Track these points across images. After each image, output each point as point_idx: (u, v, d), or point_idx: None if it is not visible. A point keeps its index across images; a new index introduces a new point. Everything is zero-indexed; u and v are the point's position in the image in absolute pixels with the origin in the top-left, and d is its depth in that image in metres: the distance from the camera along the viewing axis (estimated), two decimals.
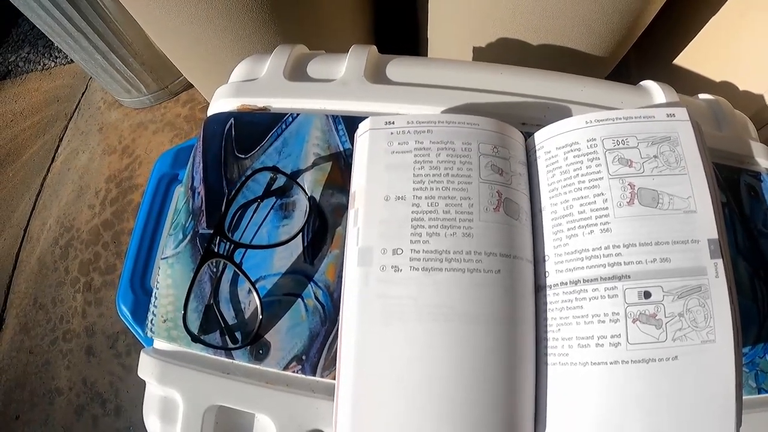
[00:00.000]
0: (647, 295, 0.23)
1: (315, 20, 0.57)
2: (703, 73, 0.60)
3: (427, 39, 0.62)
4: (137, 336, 0.40)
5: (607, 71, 0.62)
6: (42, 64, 1.17)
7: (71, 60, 1.11)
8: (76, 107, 1.06)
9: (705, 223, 0.24)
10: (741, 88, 0.53)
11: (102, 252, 0.86)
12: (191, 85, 0.95)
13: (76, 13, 0.76)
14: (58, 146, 1.02)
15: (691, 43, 0.61)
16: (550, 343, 0.24)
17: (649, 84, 0.36)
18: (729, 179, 0.33)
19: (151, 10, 0.54)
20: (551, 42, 0.51)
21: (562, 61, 0.54)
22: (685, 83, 0.61)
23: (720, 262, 0.23)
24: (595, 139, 0.25)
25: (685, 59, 0.63)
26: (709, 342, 0.22)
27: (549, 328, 0.24)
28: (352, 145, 0.30)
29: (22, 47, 1.22)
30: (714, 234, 0.24)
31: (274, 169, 0.30)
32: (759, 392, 0.28)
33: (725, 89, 0.55)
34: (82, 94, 1.07)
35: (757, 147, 0.35)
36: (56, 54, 1.17)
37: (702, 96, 0.38)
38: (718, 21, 0.57)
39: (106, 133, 0.97)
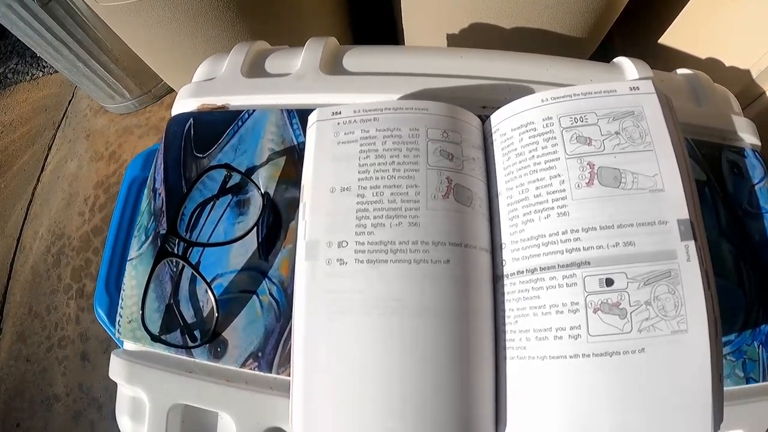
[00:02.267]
0: (609, 282, 0.21)
1: (286, 16, 0.56)
2: (689, 51, 0.58)
3: (403, 30, 0.60)
4: (113, 338, 0.40)
5: (589, 52, 0.60)
6: (30, 74, 1.17)
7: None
8: (64, 115, 1.06)
9: (674, 203, 0.22)
10: (727, 64, 0.51)
11: (93, 258, 0.86)
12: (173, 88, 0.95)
13: (55, 23, 0.76)
14: (47, 155, 1.02)
15: (675, 20, 0.59)
16: (508, 336, 0.23)
17: (622, 60, 0.34)
18: (709, 156, 0.31)
19: (121, 15, 0.53)
20: (528, 25, 0.50)
21: (541, 44, 0.52)
22: (671, 61, 0.60)
23: (692, 243, 0.21)
24: (551, 118, 0.24)
25: (670, 37, 0.61)
26: (680, 332, 0.20)
27: (507, 320, 0.23)
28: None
29: (10, 58, 1.22)
30: (684, 214, 0.22)
31: (227, 167, 0.29)
32: (747, 382, 0.26)
33: (712, 66, 0.53)
34: (69, 102, 1.07)
35: (740, 121, 0.33)
36: (44, 64, 1.17)
37: (680, 71, 0.37)
38: None
39: (93, 140, 0.97)
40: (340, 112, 0.25)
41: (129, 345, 0.29)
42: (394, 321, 0.21)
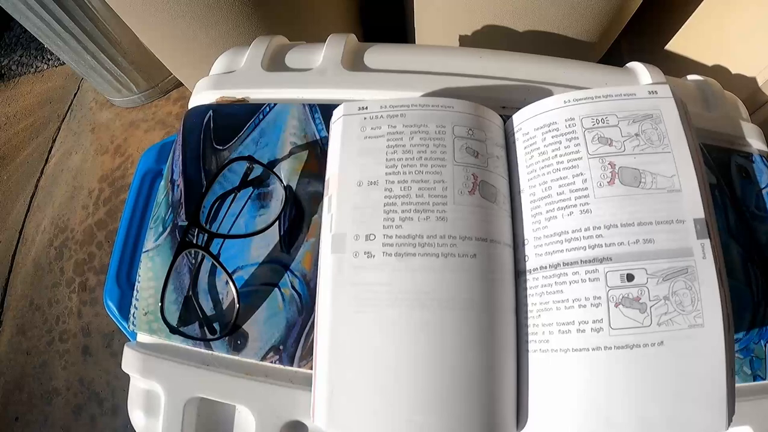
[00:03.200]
0: (630, 277, 0.22)
1: (300, 13, 0.56)
2: (696, 58, 0.59)
3: (414, 29, 0.61)
4: (124, 331, 0.39)
5: (598, 57, 0.61)
6: (35, 66, 1.17)
7: (63, 62, 1.11)
8: (69, 108, 1.05)
9: (691, 202, 0.23)
10: (733, 71, 0.52)
11: (96, 252, 0.86)
12: (182, 83, 0.95)
13: (64, 14, 0.76)
14: (51, 148, 1.02)
15: (683, 27, 0.60)
16: (530, 330, 0.23)
17: (635, 65, 0.35)
18: (719, 160, 0.32)
19: (135, 8, 0.53)
20: (538, 28, 0.51)
21: (551, 48, 0.53)
22: (678, 68, 0.60)
23: (707, 242, 0.22)
24: (573, 119, 0.25)
25: (677, 44, 0.62)
26: (696, 326, 0.21)
27: (529, 314, 0.23)
28: (329, 133, 0.29)
29: (14, 50, 1.22)
30: (700, 213, 0.23)
31: (249, 159, 0.29)
32: (755, 379, 0.27)
33: (718, 73, 0.54)
34: (74, 95, 1.07)
35: (748, 127, 0.34)
36: (48, 56, 1.17)
37: (690, 77, 0.38)
38: (710, 4, 0.56)
39: (99, 133, 0.97)
40: (366, 107, 0.26)
41: (143, 337, 0.29)
42: (422, 314, 0.22)
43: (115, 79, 0.88)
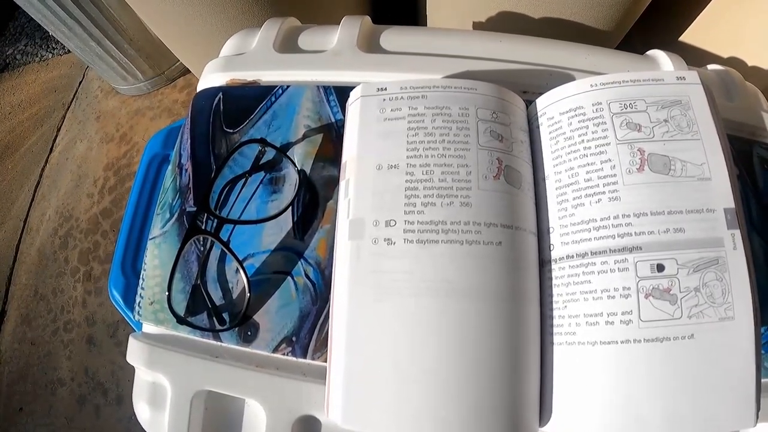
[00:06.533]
0: (660, 268, 0.21)
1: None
2: (711, 50, 0.57)
3: (426, 15, 0.60)
4: (129, 321, 0.39)
5: (612, 47, 0.60)
6: (39, 55, 1.16)
7: (68, 50, 1.10)
8: (74, 97, 1.05)
9: (720, 192, 0.22)
10: (750, 63, 0.51)
11: (101, 241, 0.85)
12: (188, 71, 0.94)
13: (69, 0, 0.75)
14: (56, 136, 1.01)
15: (697, 18, 0.59)
16: (555, 321, 0.22)
17: (657, 53, 0.34)
18: (741, 151, 0.31)
19: None
20: (553, 15, 0.49)
21: (566, 35, 0.51)
22: (693, 60, 0.59)
23: (737, 232, 0.22)
24: (600, 103, 0.24)
25: (691, 35, 0.60)
26: (727, 319, 0.20)
27: (555, 305, 0.22)
28: (344, 116, 0.28)
29: (19, 40, 1.21)
30: (730, 203, 0.22)
31: (262, 141, 0.28)
32: None
33: (734, 65, 0.53)
34: (79, 83, 1.06)
35: None
36: (53, 45, 1.16)
37: (711, 66, 0.37)
38: None
39: (104, 122, 0.96)
40: (385, 89, 0.25)
41: (149, 328, 0.29)
42: (446, 303, 0.21)
43: (120, 67, 0.87)
